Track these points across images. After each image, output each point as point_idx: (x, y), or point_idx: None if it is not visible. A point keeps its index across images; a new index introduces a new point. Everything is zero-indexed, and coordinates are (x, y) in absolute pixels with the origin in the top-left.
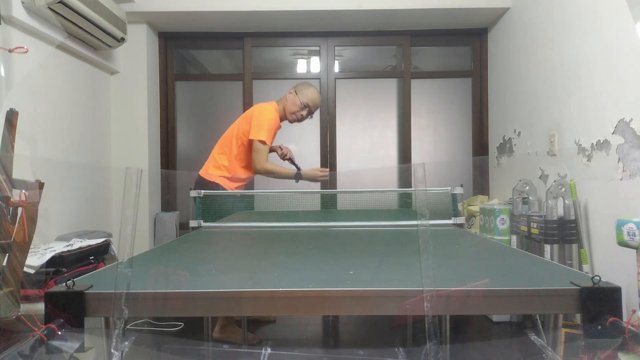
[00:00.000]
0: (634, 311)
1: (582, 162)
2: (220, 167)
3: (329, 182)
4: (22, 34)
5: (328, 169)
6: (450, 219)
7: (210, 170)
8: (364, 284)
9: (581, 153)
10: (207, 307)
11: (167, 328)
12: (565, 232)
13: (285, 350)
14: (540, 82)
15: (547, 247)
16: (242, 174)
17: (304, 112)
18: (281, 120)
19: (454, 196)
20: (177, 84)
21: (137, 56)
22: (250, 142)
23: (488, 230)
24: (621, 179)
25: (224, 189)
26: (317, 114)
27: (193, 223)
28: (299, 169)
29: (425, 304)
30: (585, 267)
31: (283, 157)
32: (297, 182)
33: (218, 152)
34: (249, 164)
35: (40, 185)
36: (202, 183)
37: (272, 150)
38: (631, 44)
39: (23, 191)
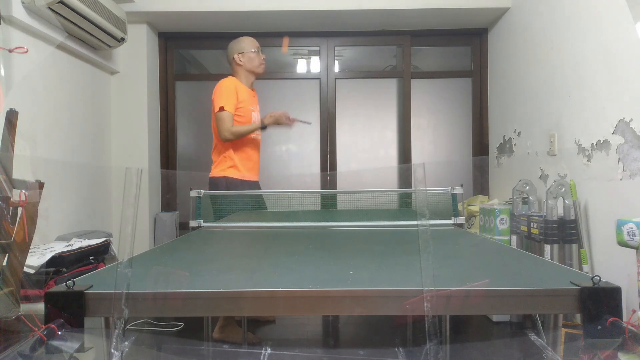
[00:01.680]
0: (634, 311)
1: (582, 162)
2: (221, 162)
3: (329, 182)
4: (22, 34)
5: (294, 119)
6: (450, 219)
7: (215, 170)
8: (364, 284)
9: (581, 153)
10: (207, 307)
11: (167, 328)
12: (565, 232)
13: (285, 350)
14: (540, 82)
15: (547, 247)
16: (244, 157)
17: (262, 55)
18: (251, 84)
19: (454, 196)
20: (177, 84)
21: (137, 56)
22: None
23: (488, 230)
24: (621, 179)
25: (234, 179)
26: (317, 114)
27: (193, 223)
28: (307, 122)
29: (425, 304)
30: (585, 267)
31: (278, 122)
32: (263, 129)
33: (213, 151)
34: (244, 145)
35: (40, 185)
36: (213, 183)
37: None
38: (631, 44)
39: (23, 191)
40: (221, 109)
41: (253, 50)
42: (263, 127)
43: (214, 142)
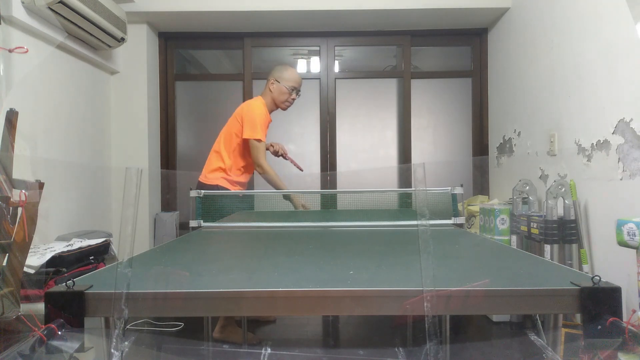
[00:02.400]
0: (634, 311)
1: (582, 162)
2: (217, 170)
3: (329, 182)
4: (22, 34)
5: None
6: (450, 219)
7: (208, 175)
8: (364, 284)
9: (581, 153)
10: (207, 307)
11: (167, 328)
12: (565, 232)
13: (285, 350)
14: (540, 82)
15: (547, 247)
16: (240, 174)
17: (294, 96)
18: (271, 111)
19: (454, 196)
20: (177, 84)
21: (137, 56)
22: (245, 141)
23: (488, 230)
24: (621, 179)
25: (225, 189)
26: (317, 114)
27: (193, 223)
28: (299, 168)
29: (425, 304)
30: (585, 267)
31: (275, 154)
32: (285, 198)
33: (214, 155)
34: (246, 164)
35: (40, 185)
36: (203, 188)
37: (274, 153)
38: (631, 44)
39: (23, 191)
40: (259, 140)
41: (289, 86)
42: (285, 198)
43: (220, 148)
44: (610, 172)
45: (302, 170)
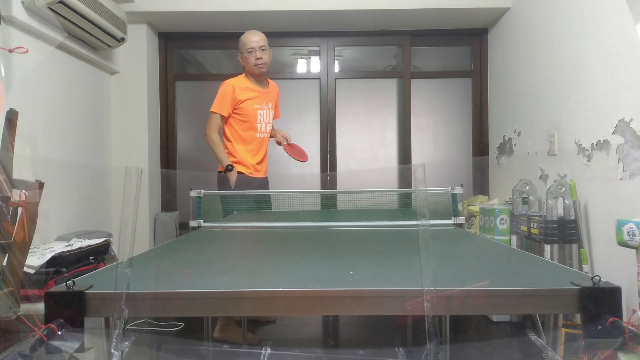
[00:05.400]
0: (634, 311)
1: (582, 162)
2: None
3: (329, 182)
4: (22, 34)
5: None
6: (450, 219)
7: None
8: (364, 284)
9: (581, 153)
10: (207, 307)
11: (167, 328)
12: (565, 232)
13: (285, 350)
14: (540, 82)
15: (547, 247)
16: (243, 150)
17: (258, 55)
18: (259, 82)
19: (454, 196)
20: (177, 84)
21: (137, 56)
22: (228, 121)
23: (488, 230)
24: (621, 179)
25: (245, 175)
26: (317, 114)
27: (193, 223)
28: (299, 160)
29: (425, 304)
30: (585, 267)
31: (279, 144)
32: (227, 170)
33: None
34: (246, 137)
35: (40, 185)
36: (219, 177)
37: (277, 142)
38: (631, 44)
39: (23, 191)
40: (212, 112)
41: (248, 50)
42: (228, 169)
43: (222, 138)
44: (610, 172)
45: (303, 161)
